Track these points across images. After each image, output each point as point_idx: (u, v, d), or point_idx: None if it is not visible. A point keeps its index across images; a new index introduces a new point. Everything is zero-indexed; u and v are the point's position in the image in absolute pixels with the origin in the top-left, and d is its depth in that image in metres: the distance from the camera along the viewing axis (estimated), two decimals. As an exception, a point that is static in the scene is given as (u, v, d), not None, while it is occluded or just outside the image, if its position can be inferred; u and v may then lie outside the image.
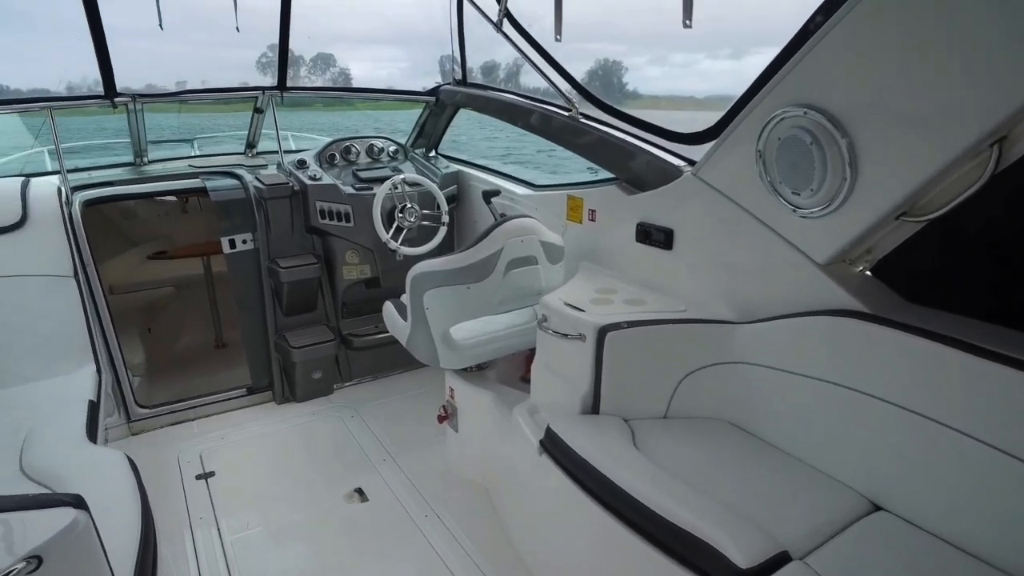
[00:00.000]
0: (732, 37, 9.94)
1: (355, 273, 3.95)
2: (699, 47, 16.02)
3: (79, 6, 3.29)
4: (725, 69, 19.80)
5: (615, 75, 3.38)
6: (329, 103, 5.24)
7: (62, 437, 2.52)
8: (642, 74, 12.73)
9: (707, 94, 13.26)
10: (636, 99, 3.06)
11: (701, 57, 22.17)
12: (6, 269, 3.09)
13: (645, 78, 15.06)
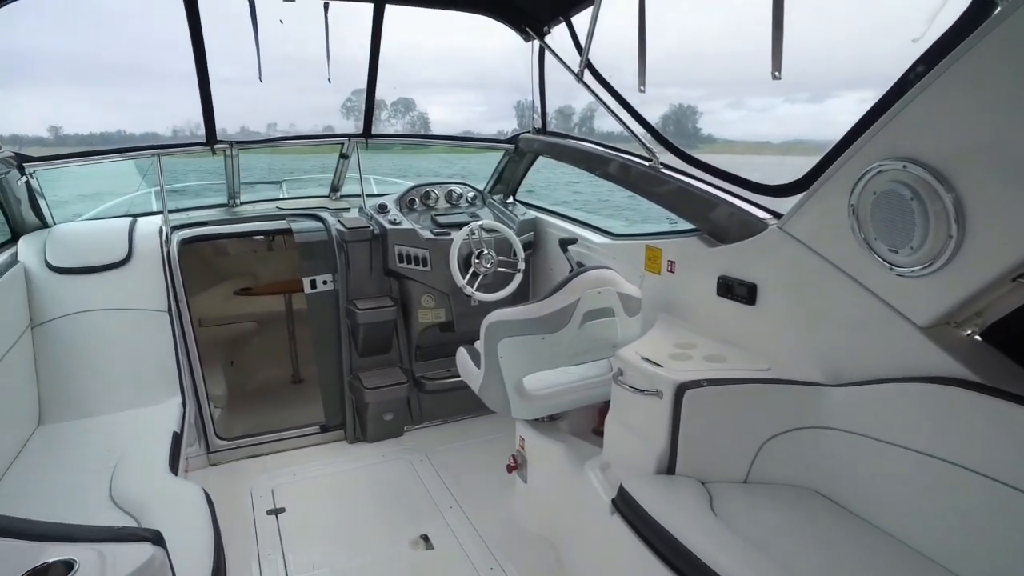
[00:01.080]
0: (812, 81, 9.66)
1: (430, 317, 3.99)
2: (777, 91, 15.82)
3: (186, 59, 3.56)
4: (803, 113, 19.38)
5: (690, 119, 3.36)
6: (406, 147, 5.42)
7: (147, 467, 2.61)
8: (717, 118, 12.69)
9: (784, 138, 12.97)
10: (711, 143, 3.01)
11: (778, 101, 21.79)
12: (111, 302, 3.29)
13: (721, 122, 14.93)
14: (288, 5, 3.58)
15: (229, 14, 3.55)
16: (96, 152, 3.82)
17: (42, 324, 3.17)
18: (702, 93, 10.26)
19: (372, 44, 3.86)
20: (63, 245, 3.39)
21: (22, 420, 2.94)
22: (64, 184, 3.78)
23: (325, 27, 3.67)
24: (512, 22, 3.94)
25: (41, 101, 6.76)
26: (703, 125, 5.46)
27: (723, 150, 3.51)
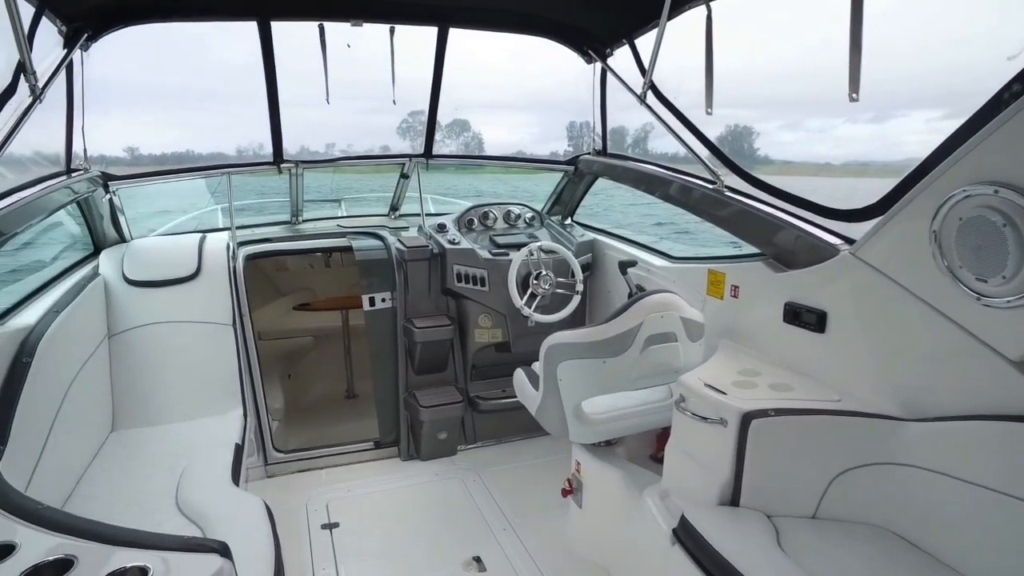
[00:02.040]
0: (875, 100, 9.45)
1: (487, 337, 3.99)
2: (838, 111, 15.17)
3: (252, 83, 3.70)
4: (866, 134, 18.57)
5: (745, 140, 3.30)
6: (461, 167, 5.48)
7: (210, 477, 2.68)
8: (774, 139, 12.23)
9: (845, 160, 12.49)
10: (767, 164, 2.97)
11: (839, 122, 20.94)
12: (181, 315, 3.42)
13: (778, 143, 14.41)
14: (355, 29, 3.69)
15: (297, 40, 3.67)
16: (173, 171, 3.99)
17: (118, 334, 3.30)
18: (758, 114, 10.10)
19: (435, 66, 3.93)
20: (139, 259, 3.54)
21: (99, 426, 3.05)
22: (137, 201, 3.96)
23: (391, 50, 3.75)
24: (575, 45, 3.96)
25: (121, 124, 7.22)
26: (759, 146, 5.38)
27: (780, 172, 3.44)
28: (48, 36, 2.97)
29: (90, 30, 3.16)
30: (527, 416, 3.08)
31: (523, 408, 3.12)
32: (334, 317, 4.96)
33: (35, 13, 2.73)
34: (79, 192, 3.18)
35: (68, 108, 3.22)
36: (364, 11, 3.56)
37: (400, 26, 3.67)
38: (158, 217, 5.34)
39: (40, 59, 2.64)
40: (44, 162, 3.08)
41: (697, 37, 2.95)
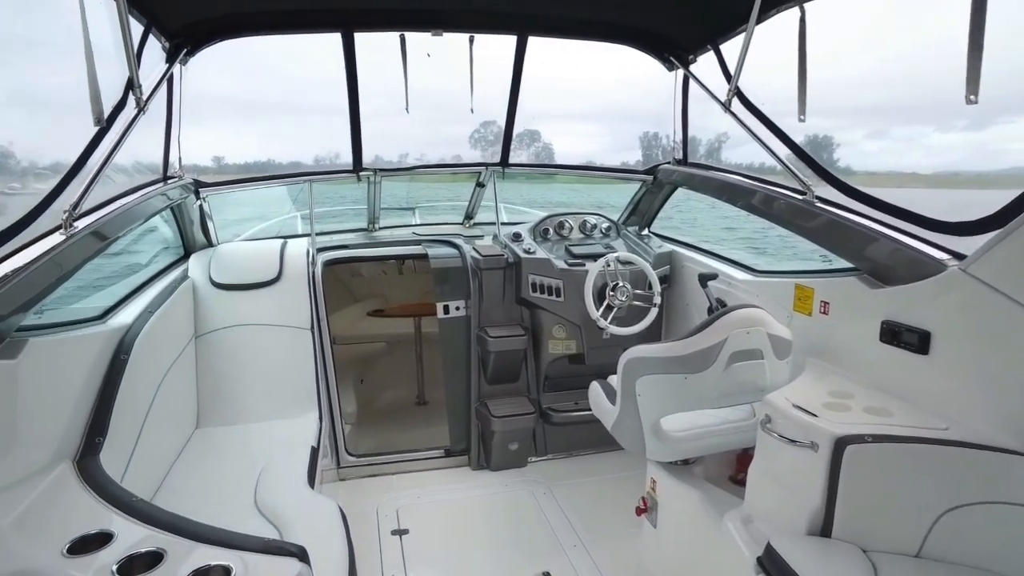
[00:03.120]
0: (977, 106, 8.64)
1: (560, 348, 3.94)
2: (927, 119, 14.10)
3: (330, 95, 3.79)
4: (960, 142, 17.20)
5: (825, 151, 3.15)
6: (531, 176, 5.46)
7: (287, 479, 2.72)
8: (857, 149, 11.56)
9: (935, 170, 11.71)
10: (849, 175, 2.83)
11: (929, 130, 19.27)
12: (262, 318, 3.52)
13: (861, 153, 13.48)
14: (435, 39, 3.73)
15: (371, 51, 3.73)
16: (259, 178, 4.13)
17: (204, 334, 3.43)
18: (839, 123, 9.57)
19: (513, 75, 3.93)
20: (225, 263, 3.67)
21: (185, 422, 3.17)
22: (221, 208, 4.12)
23: (470, 59, 3.77)
24: (656, 52, 3.88)
25: (210, 134, 7.66)
26: (840, 156, 5.09)
27: (863, 182, 3.27)
28: (150, 52, 3.12)
29: (189, 45, 3.31)
30: (599, 429, 3.00)
31: (596, 421, 3.05)
32: (407, 324, 5.01)
33: (144, 32, 2.89)
34: (174, 199, 3.33)
35: (167, 119, 3.38)
36: (445, 21, 3.59)
37: (480, 35, 3.69)
38: (240, 224, 5.54)
39: (144, 75, 2.77)
40: (144, 170, 3.24)
41: (781, 41, 2.84)
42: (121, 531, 1.75)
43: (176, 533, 1.75)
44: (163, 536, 1.74)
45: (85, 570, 1.59)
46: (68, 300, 2.91)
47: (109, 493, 1.98)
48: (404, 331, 5.04)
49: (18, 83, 2.38)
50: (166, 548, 1.67)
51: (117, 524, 1.79)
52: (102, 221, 2.45)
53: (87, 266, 2.34)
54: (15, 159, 2.56)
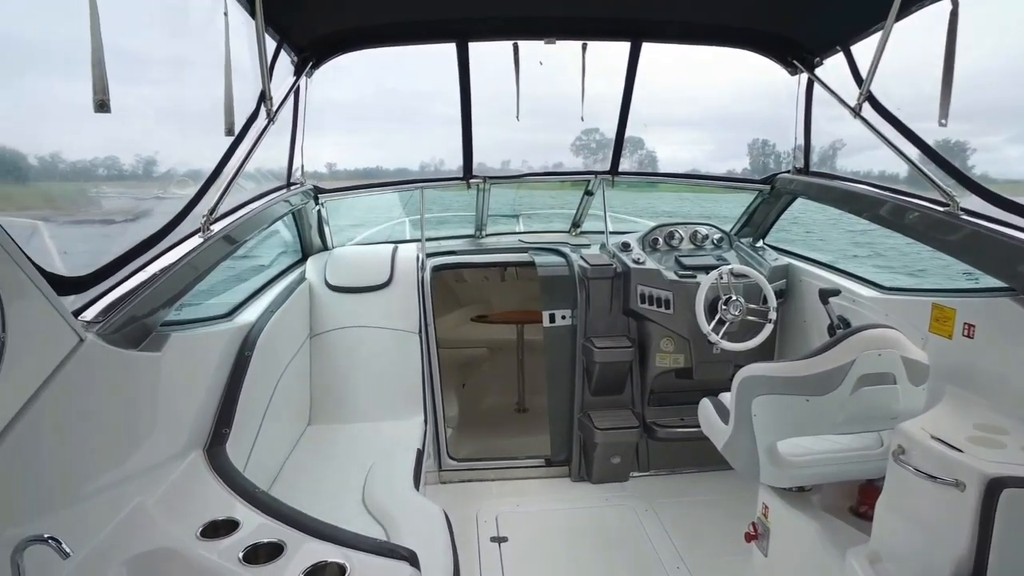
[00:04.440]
0: None
1: (668, 361, 3.82)
2: None
3: (439, 104, 3.88)
4: None
5: (957, 157, 2.87)
6: (632, 185, 5.35)
7: (394, 480, 2.78)
8: (998, 155, 10.23)
9: None
10: (990, 184, 2.56)
11: None
12: (373, 321, 3.63)
13: (1002, 159, 11.86)
14: (547, 47, 3.72)
15: (478, 61, 3.78)
16: (374, 185, 4.29)
17: (319, 335, 3.57)
18: (974, 126, 8.61)
19: (626, 82, 3.87)
20: (339, 266, 3.81)
21: (299, 419, 3.31)
22: (334, 213, 4.31)
23: (582, 67, 3.74)
24: (778, 56, 3.71)
25: (326, 142, 8.14)
26: (977, 163, 4.59)
27: (1007, 192, 2.93)
28: (278, 67, 3.30)
29: (315, 58, 3.48)
30: (706, 448, 2.89)
31: (702, 439, 2.94)
32: (509, 330, 5.03)
33: (276, 47, 3.06)
34: (295, 204, 3.49)
35: (292, 129, 3.56)
36: (559, 28, 3.58)
37: (593, 41, 3.65)
38: (350, 229, 5.76)
39: (273, 88, 2.93)
40: (270, 177, 3.42)
41: (914, 39, 2.63)
42: (245, 520, 1.84)
43: (295, 527, 1.82)
44: (283, 528, 1.81)
45: (215, 554, 1.68)
46: (199, 298, 3.11)
47: (235, 482, 2.08)
48: (506, 337, 5.06)
49: (165, 100, 2.58)
50: (286, 540, 1.74)
51: (242, 513, 1.88)
52: (234, 225, 2.60)
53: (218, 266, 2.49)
54: (160, 168, 2.78)
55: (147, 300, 1.93)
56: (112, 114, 1.67)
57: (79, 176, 2.43)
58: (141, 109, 2.36)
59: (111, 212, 2.60)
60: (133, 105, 2.14)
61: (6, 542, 1.25)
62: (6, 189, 1.97)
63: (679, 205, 15.26)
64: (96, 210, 2.58)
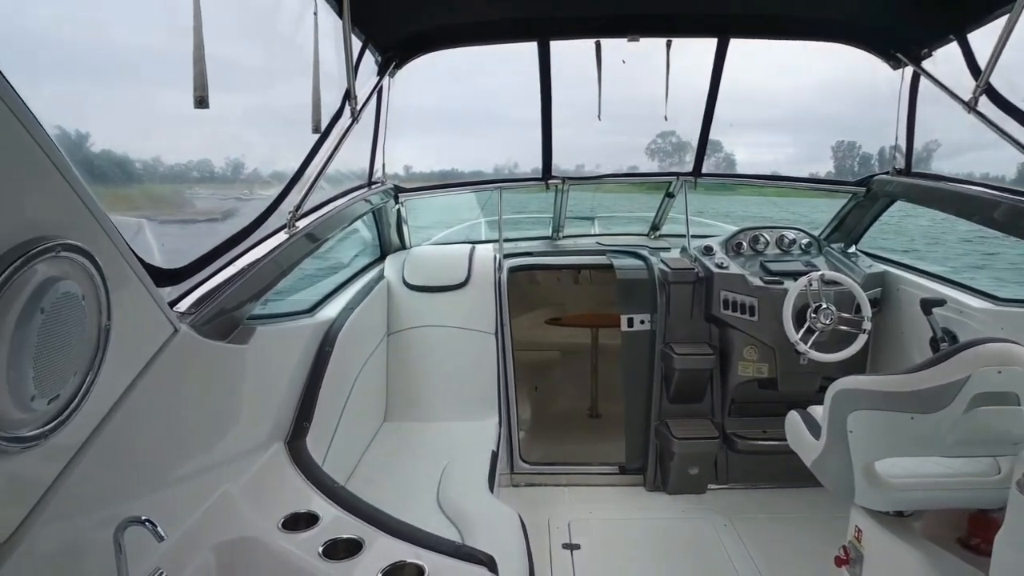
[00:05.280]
0: None
1: (751, 370, 3.66)
2: None
3: (516, 106, 3.85)
4: None
5: None
6: (710, 188, 5.20)
7: (469, 481, 2.76)
8: None
9: None
10: None
11: None
12: (450, 320, 3.64)
13: None
14: (630, 45, 3.64)
15: (562, 59, 3.73)
16: (453, 184, 4.32)
17: (396, 333, 3.61)
18: None
19: (712, 80, 3.75)
20: (417, 265, 3.85)
21: (375, 416, 3.35)
22: (411, 213, 4.37)
23: (666, 65, 3.65)
24: (879, 49, 3.50)
25: (404, 146, 8.34)
26: None
27: None
28: (362, 68, 3.36)
29: (398, 59, 3.52)
30: (791, 462, 2.75)
31: (787, 453, 2.79)
32: (583, 334, 4.95)
33: (361, 47, 3.11)
34: (376, 203, 3.54)
35: (375, 128, 3.61)
36: (643, 26, 3.50)
37: (678, 39, 3.55)
38: (426, 230, 5.83)
39: (356, 88, 2.97)
40: (351, 177, 3.48)
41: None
42: (325, 514, 1.86)
43: (374, 524, 1.82)
44: (361, 525, 1.82)
45: (296, 546, 1.70)
46: (283, 293, 3.19)
47: (315, 476, 2.11)
48: (580, 341, 4.98)
49: (251, 103, 2.66)
50: (364, 537, 1.74)
51: (322, 507, 1.90)
52: (318, 222, 2.65)
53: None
54: (247, 170, 2.88)
55: (235, 293, 1.97)
56: (203, 119, 1.73)
57: (176, 178, 2.55)
58: (230, 113, 2.44)
59: (203, 211, 2.72)
60: (223, 109, 2.22)
61: (109, 520, 1.30)
62: (116, 190, 2.07)
63: (758, 209, 14.70)
64: (190, 209, 2.70)
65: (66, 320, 1.17)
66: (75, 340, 1.21)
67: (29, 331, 1.08)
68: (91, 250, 1.22)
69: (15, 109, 1.04)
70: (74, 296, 1.18)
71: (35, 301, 1.09)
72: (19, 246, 1.06)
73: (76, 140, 1.68)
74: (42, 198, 1.14)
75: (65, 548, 1.27)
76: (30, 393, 1.10)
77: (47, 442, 1.17)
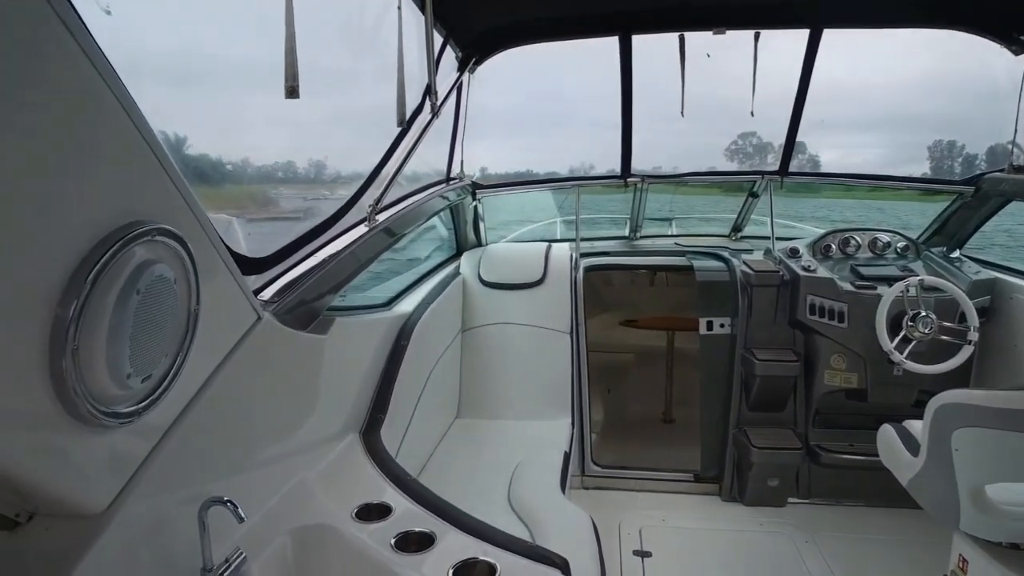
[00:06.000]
0: None
1: (838, 380, 3.46)
2: None
3: (592, 106, 3.77)
4: None
5: None
6: (791, 190, 4.98)
7: (540, 481, 2.72)
8: None
9: None
10: None
11: None
12: (525, 318, 3.62)
13: None
14: (717, 38, 3.52)
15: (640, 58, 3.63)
16: (531, 182, 4.32)
17: (470, 329, 3.62)
18: None
19: (802, 74, 3.56)
20: (493, 262, 3.84)
21: (447, 411, 3.36)
22: (487, 212, 4.39)
23: (753, 58, 3.51)
24: (997, 32, 3.22)
25: (480, 146, 8.50)
26: None
27: None
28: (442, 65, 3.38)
29: (478, 55, 3.52)
30: (882, 479, 2.59)
31: (876, 469, 2.63)
32: (658, 337, 4.82)
33: (442, 43, 3.12)
34: (453, 200, 3.56)
35: (454, 124, 3.63)
36: (730, 18, 3.37)
37: (767, 30, 3.40)
38: (499, 228, 5.84)
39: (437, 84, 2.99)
40: (431, 172, 3.51)
41: None
42: (398, 506, 1.86)
43: (446, 519, 1.81)
44: (433, 519, 1.81)
45: (369, 536, 1.71)
46: (360, 287, 3.24)
47: (388, 468, 2.12)
48: (655, 344, 4.86)
49: (331, 106, 2.72)
50: (436, 532, 1.73)
51: (395, 499, 1.91)
52: (396, 216, 2.67)
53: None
54: (328, 170, 2.95)
55: (316, 284, 2.01)
56: (286, 121, 1.78)
57: (263, 179, 2.64)
58: (312, 114, 2.51)
59: (286, 210, 2.81)
60: (306, 110, 2.28)
61: (194, 499, 1.34)
62: (208, 190, 2.16)
63: (841, 214, 13.97)
64: (274, 208, 2.79)
65: (159, 302, 1.20)
66: (167, 322, 1.24)
67: (126, 311, 1.11)
68: (183, 236, 1.25)
69: (125, 104, 1.08)
70: (167, 280, 1.21)
71: (132, 282, 1.12)
72: (120, 229, 1.10)
73: (175, 143, 1.75)
74: (142, 185, 1.18)
75: (154, 522, 1.32)
76: (126, 371, 1.14)
77: (140, 419, 1.21)
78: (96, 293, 1.05)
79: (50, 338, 1.00)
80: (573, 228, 4.37)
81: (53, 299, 1.00)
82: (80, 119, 1.02)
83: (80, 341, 1.03)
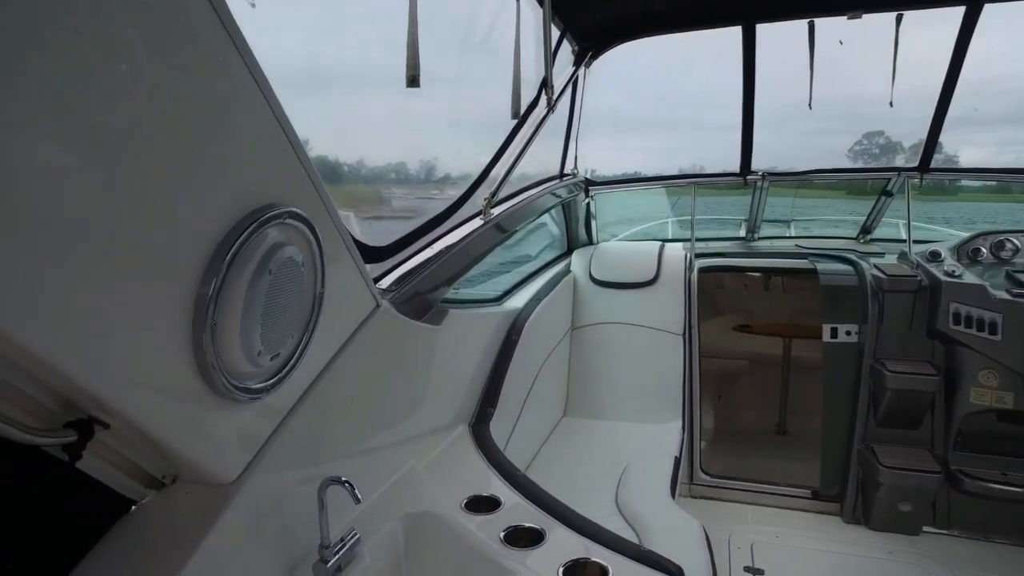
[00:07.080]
0: None
1: (988, 399, 3.11)
2: None
3: (702, 109, 3.65)
4: None
5: None
6: (924, 190, 4.57)
7: (649, 485, 2.64)
8: None
9: None
10: None
11: None
12: (636, 318, 3.53)
13: None
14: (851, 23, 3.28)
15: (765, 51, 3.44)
16: (645, 179, 4.20)
17: (580, 327, 3.57)
18: None
19: (954, 55, 3.24)
20: (604, 261, 3.77)
21: (555, 409, 3.33)
22: (599, 211, 4.32)
23: (894, 44, 3.23)
24: None
25: (588, 147, 8.53)
26: None
27: None
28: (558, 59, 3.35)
29: (594, 48, 3.46)
30: None
31: None
32: (774, 344, 4.56)
33: (559, 37, 3.09)
34: (566, 196, 3.51)
35: (568, 120, 3.59)
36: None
37: (912, 11, 3.12)
38: (609, 227, 5.74)
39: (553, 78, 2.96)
40: (542, 170, 3.49)
41: None
42: (507, 500, 1.85)
43: (555, 516, 1.78)
44: (542, 515, 1.79)
45: (478, 527, 1.70)
46: (472, 280, 3.27)
47: (497, 462, 2.11)
48: (770, 351, 4.60)
49: (444, 110, 2.75)
50: (546, 529, 1.71)
51: (503, 492, 1.89)
52: (509, 211, 2.66)
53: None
54: (439, 170, 2.99)
55: (431, 276, 2.03)
56: (399, 123, 1.80)
57: (376, 179, 2.71)
58: (426, 112, 2.55)
59: (397, 209, 2.87)
60: (419, 111, 2.32)
61: (314, 477, 1.38)
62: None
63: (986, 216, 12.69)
64: (387, 208, 2.86)
65: (288, 283, 1.24)
66: (294, 303, 1.28)
67: (259, 290, 1.15)
68: (312, 220, 1.27)
69: (264, 90, 1.12)
70: (296, 262, 1.25)
71: (265, 262, 1.15)
72: (256, 210, 1.14)
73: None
74: (276, 170, 1.21)
75: (277, 496, 1.37)
76: (257, 348, 1.18)
77: (268, 396, 1.26)
78: (232, 272, 1.08)
79: (193, 314, 1.04)
80: (686, 228, 4.22)
81: (196, 277, 1.04)
82: (226, 105, 1.06)
83: (217, 318, 1.07)
